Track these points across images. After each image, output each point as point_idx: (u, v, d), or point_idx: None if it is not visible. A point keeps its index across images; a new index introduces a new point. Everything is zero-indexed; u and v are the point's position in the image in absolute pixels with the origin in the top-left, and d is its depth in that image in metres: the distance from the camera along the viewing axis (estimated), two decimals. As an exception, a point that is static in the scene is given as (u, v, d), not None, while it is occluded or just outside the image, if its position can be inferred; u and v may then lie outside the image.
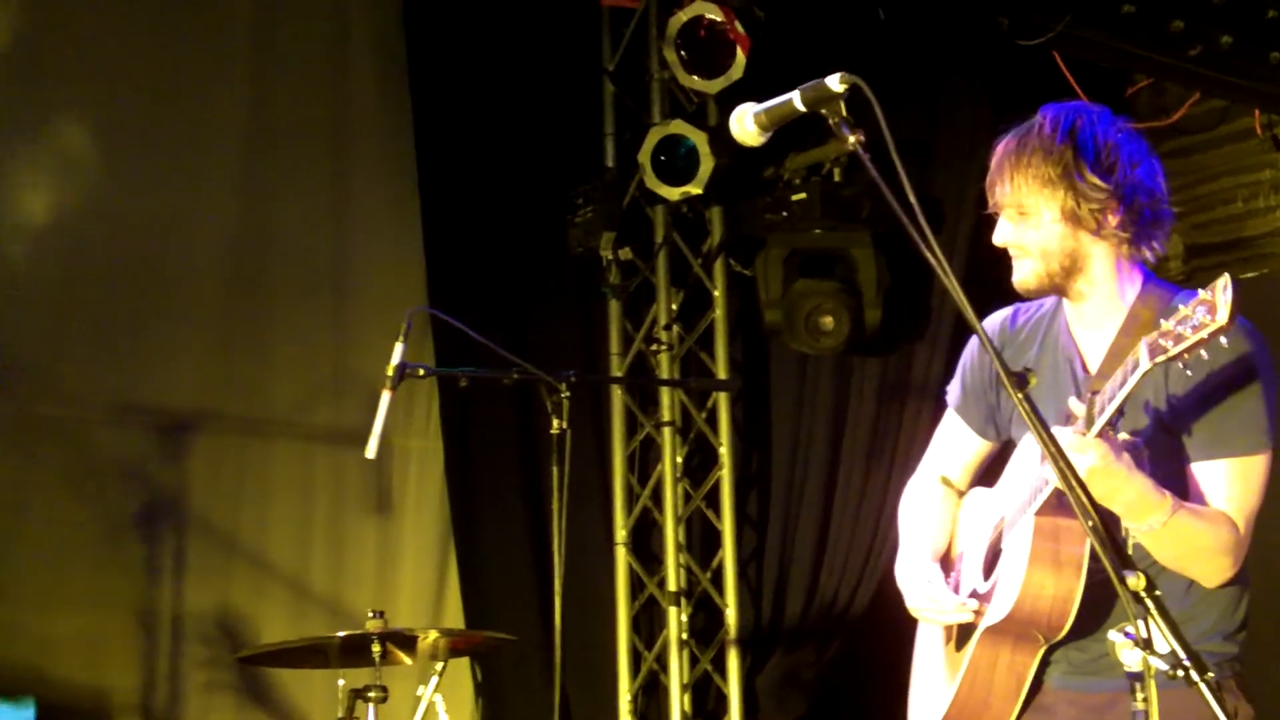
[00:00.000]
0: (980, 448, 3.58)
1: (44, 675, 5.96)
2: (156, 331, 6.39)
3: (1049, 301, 3.41)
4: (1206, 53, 5.90)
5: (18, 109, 6.18)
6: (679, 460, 7.02)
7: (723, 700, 6.97)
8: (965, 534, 3.50)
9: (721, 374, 7.06)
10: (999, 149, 3.24)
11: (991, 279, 3.54)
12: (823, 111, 2.75)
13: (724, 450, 7.02)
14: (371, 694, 4.66)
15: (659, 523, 7.01)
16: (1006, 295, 3.50)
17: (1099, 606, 3.13)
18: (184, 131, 6.50)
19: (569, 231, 6.93)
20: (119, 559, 6.19)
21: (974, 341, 3.56)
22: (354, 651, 4.67)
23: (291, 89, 6.79)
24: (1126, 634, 2.35)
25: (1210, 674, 2.27)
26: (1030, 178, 3.12)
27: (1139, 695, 2.34)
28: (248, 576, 6.48)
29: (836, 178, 6.84)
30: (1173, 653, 2.28)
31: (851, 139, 2.71)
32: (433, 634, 4.78)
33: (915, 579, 3.38)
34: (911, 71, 6.92)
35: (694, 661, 6.96)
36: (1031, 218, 3.20)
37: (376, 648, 4.59)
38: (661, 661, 6.92)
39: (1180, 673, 2.26)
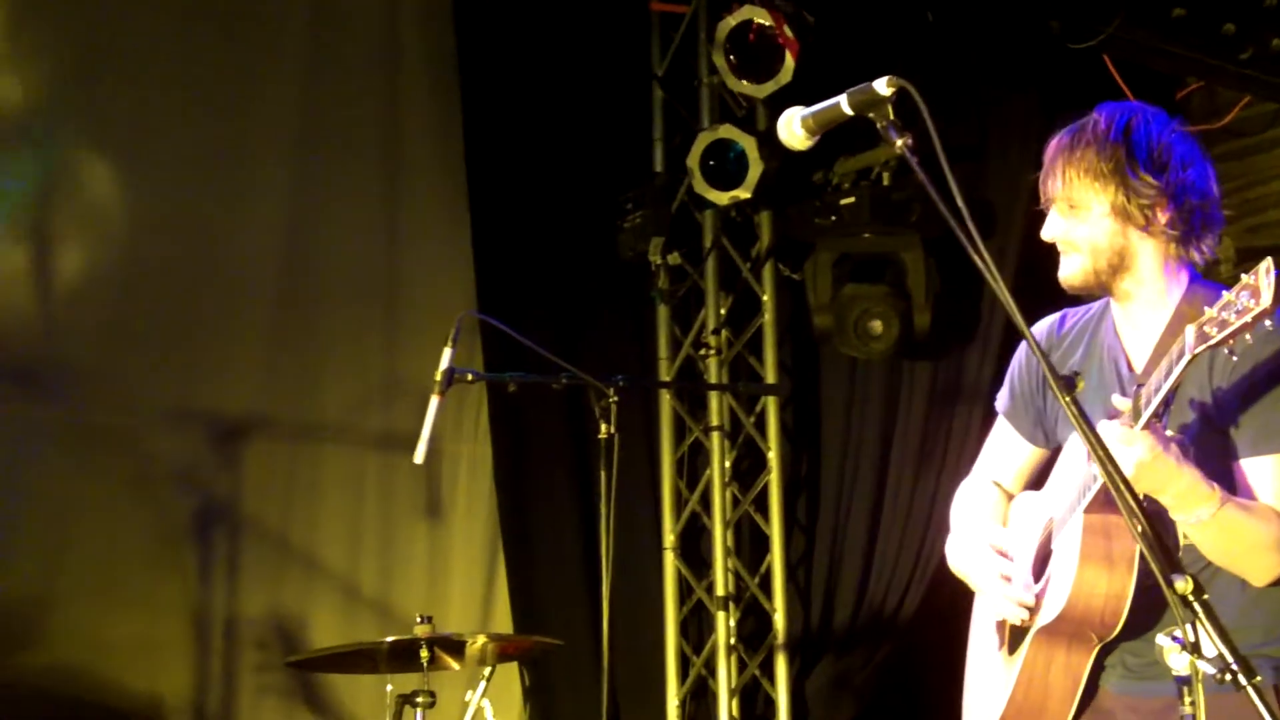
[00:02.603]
0: (1031, 454, 3.57)
1: (98, 678, 6.00)
2: (210, 338, 6.43)
3: (1096, 305, 3.41)
4: (1258, 55, 5.86)
5: (72, 120, 6.23)
6: (727, 465, 7.02)
7: (771, 705, 6.96)
8: (1014, 537, 3.48)
9: (770, 378, 7.06)
10: (1052, 144, 3.25)
11: (1043, 284, 3.52)
12: (870, 115, 2.75)
13: (772, 455, 7.01)
14: (419, 699, 4.67)
15: (707, 527, 7.02)
16: (1058, 300, 3.49)
17: (1153, 607, 3.10)
18: (237, 139, 6.54)
19: (618, 236, 6.94)
20: (173, 564, 6.23)
21: (1023, 347, 3.56)
22: (402, 656, 4.69)
23: (344, 97, 6.82)
24: (1174, 638, 2.33)
25: (1259, 678, 2.25)
26: (1083, 172, 3.13)
27: (1187, 700, 2.33)
28: (299, 581, 6.51)
29: (886, 182, 6.81)
30: (1220, 656, 2.26)
31: (899, 143, 2.71)
32: (481, 639, 4.79)
33: (981, 554, 3.36)
34: (963, 75, 6.90)
35: (742, 666, 6.95)
36: (1081, 212, 3.21)
37: (424, 653, 4.60)
38: (710, 666, 6.92)
39: (1228, 677, 2.25)
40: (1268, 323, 2.61)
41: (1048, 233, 3.30)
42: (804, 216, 6.98)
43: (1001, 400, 3.61)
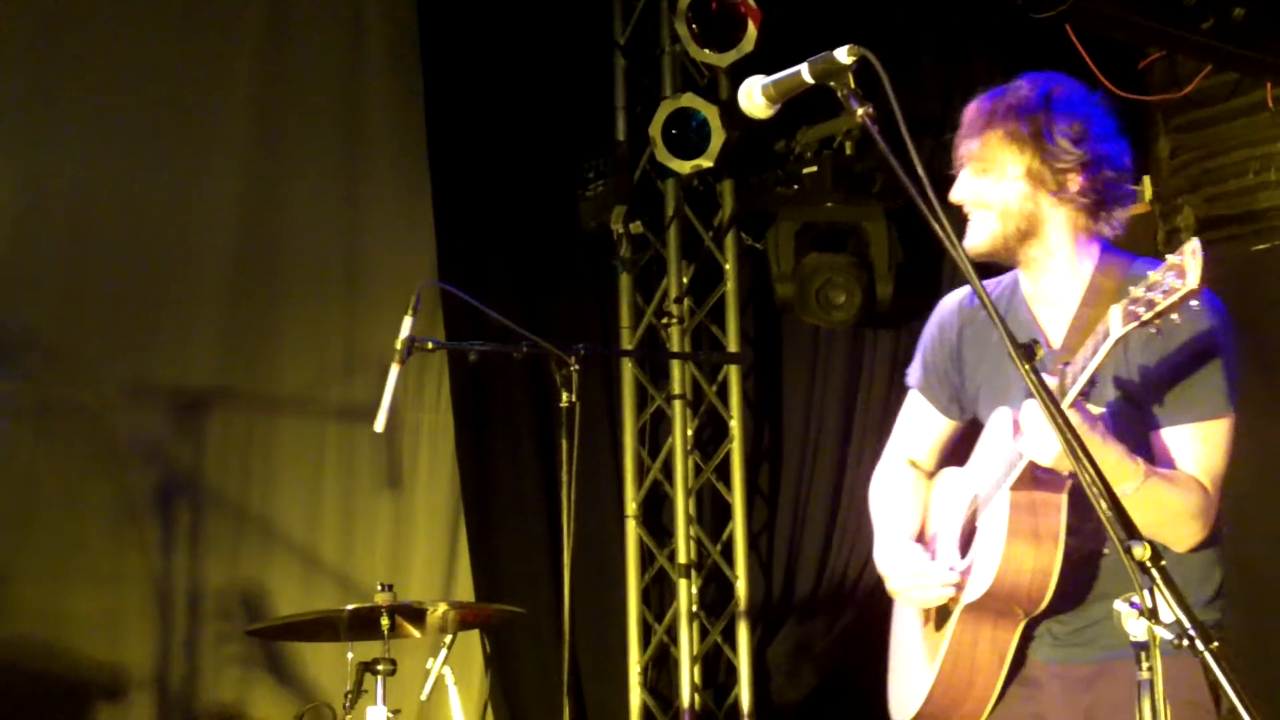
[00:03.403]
0: (945, 427, 3.58)
1: (61, 652, 5.99)
2: (169, 311, 6.40)
3: (1006, 278, 3.41)
4: (1219, 25, 5.88)
5: (29, 93, 6.18)
6: (689, 433, 7.02)
7: (733, 672, 6.98)
8: (938, 515, 3.49)
9: (732, 347, 7.06)
10: (972, 106, 3.27)
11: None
12: (831, 84, 2.74)
13: (734, 423, 7.03)
14: (380, 667, 4.69)
15: (669, 495, 7.02)
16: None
17: (1078, 580, 3.16)
18: (195, 111, 6.50)
19: (580, 206, 6.94)
20: (134, 536, 6.21)
21: (934, 321, 3.56)
22: (363, 625, 4.69)
23: (303, 67, 6.78)
24: (1132, 604, 2.34)
25: (1215, 643, 2.27)
26: (1001, 134, 3.14)
27: (1144, 665, 2.34)
28: (260, 552, 6.50)
29: (848, 151, 6.81)
30: (1178, 622, 2.27)
31: (860, 111, 2.71)
32: (442, 607, 4.79)
33: (898, 557, 3.38)
34: (926, 45, 6.90)
35: (704, 634, 6.97)
36: (994, 173, 3.22)
37: (385, 621, 4.61)
38: (672, 633, 6.93)
39: (1185, 643, 2.27)
40: (1194, 302, 2.62)
41: (957, 194, 3.30)
42: (766, 186, 6.98)
43: (914, 375, 3.61)
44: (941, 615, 3.31)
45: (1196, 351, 3.10)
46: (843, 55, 2.71)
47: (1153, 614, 2.31)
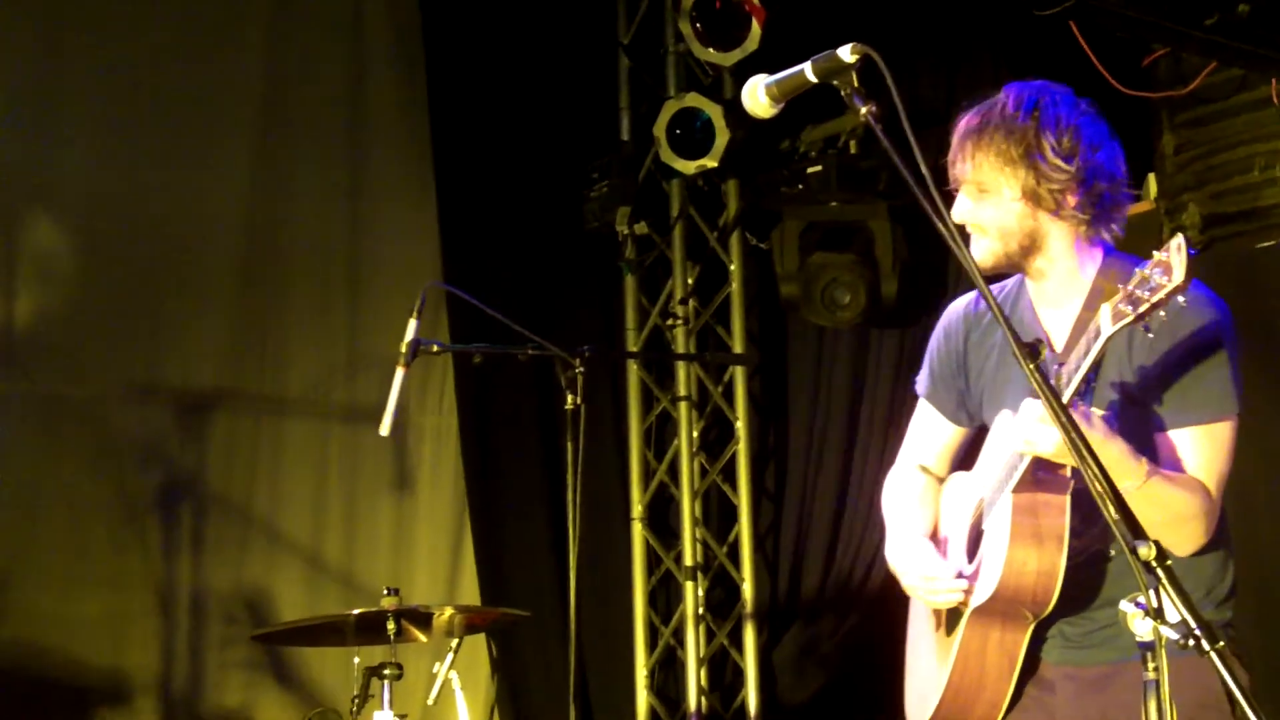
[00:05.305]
0: (954, 434, 3.57)
1: (64, 655, 5.98)
2: (173, 311, 6.41)
3: (1011, 282, 3.40)
4: (1224, 21, 5.85)
5: (34, 91, 6.18)
6: (695, 435, 7.02)
7: (739, 674, 6.97)
8: (947, 518, 3.49)
9: (738, 348, 7.05)
10: (960, 125, 3.23)
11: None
12: (835, 83, 2.74)
13: (740, 424, 7.01)
14: (387, 671, 4.67)
15: (675, 497, 7.02)
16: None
17: (1089, 581, 3.14)
18: (199, 111, 6.51)
19: (584, 206, 6.93)
20: (137, 539, 6.21)
21: (940, 328, 3.54)
22: (369, 629, 4.68)
23: (307, 66, 6.79)
24: (1138, 604, 2.33)
25: (1221, 643, 2.25)
26: (992, 156, 3.10)
27: (1150, 665, 2.33)
28: (265, 555, 6.50)
29: (853, 150, 6.79)
30: (1184, 622, 2.26)
31: (863, 110, 2.70)
32: (448, 611, 4.78)
33: (909, 556, 3.37)
34: (929, 42, 6.89)
35: (711, 636, 6.96)
36: (991, 196, 3.19)
37: (391, 625, 4.60)
38: (678, 636, 6.92)
39: (1191, 642, 2.25)
40: (1181, 299, 2.60)
41: (957, 214, 3.26)
42: (771, 185, 6.96)
43: (921, 383, 3.60)
44: (952, 619, 3.30)
45: (1194, 351, 3.08)
46: (846, 54, 2.71)
47: (1158, 614, 2.30)
